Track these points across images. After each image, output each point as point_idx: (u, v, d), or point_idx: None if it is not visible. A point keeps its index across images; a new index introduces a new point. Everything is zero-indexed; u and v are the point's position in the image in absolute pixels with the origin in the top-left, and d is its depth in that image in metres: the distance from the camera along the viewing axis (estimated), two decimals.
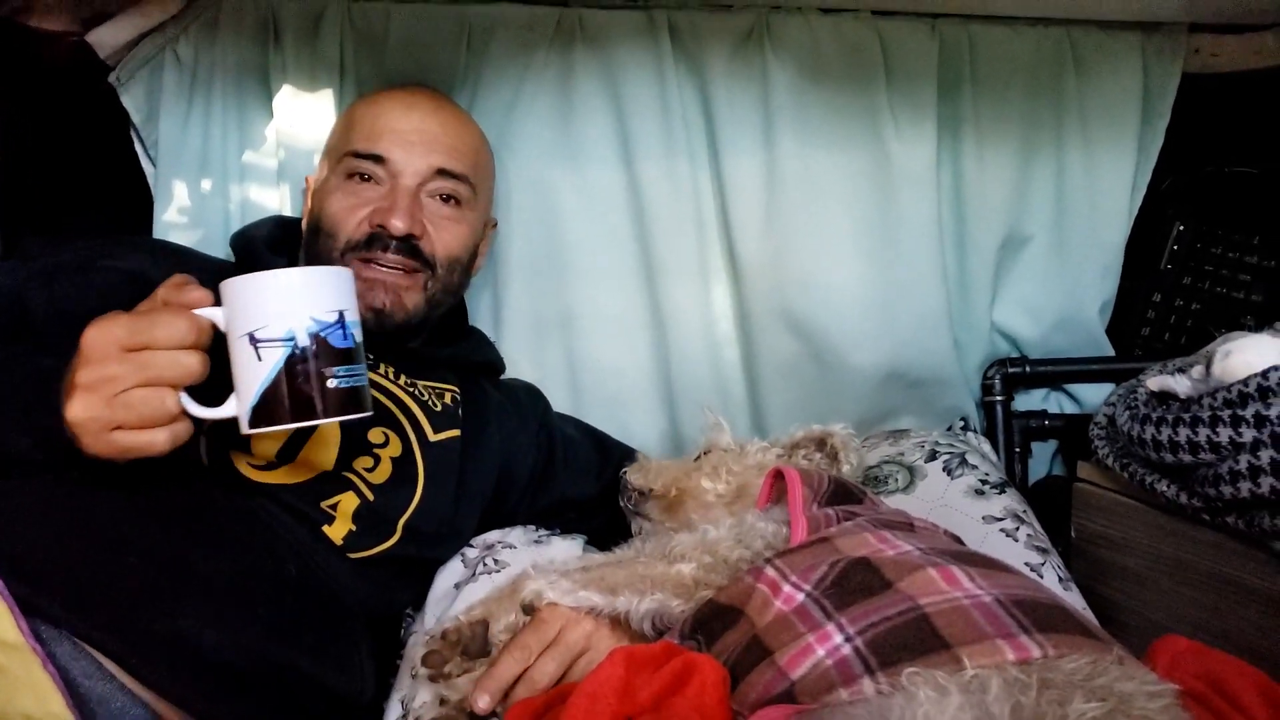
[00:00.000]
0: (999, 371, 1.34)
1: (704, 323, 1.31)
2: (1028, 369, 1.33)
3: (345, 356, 0.71)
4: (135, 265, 0.96)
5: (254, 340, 0.68)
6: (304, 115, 1.22)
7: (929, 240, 1.24)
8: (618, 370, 1.32)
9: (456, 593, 1.02)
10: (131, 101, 1.21)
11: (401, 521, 0.96)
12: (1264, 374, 0.86)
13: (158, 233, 1.22)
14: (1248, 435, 0.85)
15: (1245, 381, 0.87)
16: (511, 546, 1.09)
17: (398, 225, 1.00)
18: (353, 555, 0.91)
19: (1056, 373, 1.34)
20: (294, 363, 0.69)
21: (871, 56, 1.22)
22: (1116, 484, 1.10)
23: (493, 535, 1.11)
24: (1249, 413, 0.85)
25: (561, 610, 0.82)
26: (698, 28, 1.23)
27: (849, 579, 0.72)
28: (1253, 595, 0.92)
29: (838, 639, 0.65)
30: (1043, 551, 1.06)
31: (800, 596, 0.73)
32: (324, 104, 1.22)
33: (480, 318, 1.31)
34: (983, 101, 1.27)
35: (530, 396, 1.23)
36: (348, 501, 0.92)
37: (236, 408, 0.71)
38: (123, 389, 0.66)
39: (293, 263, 1.09)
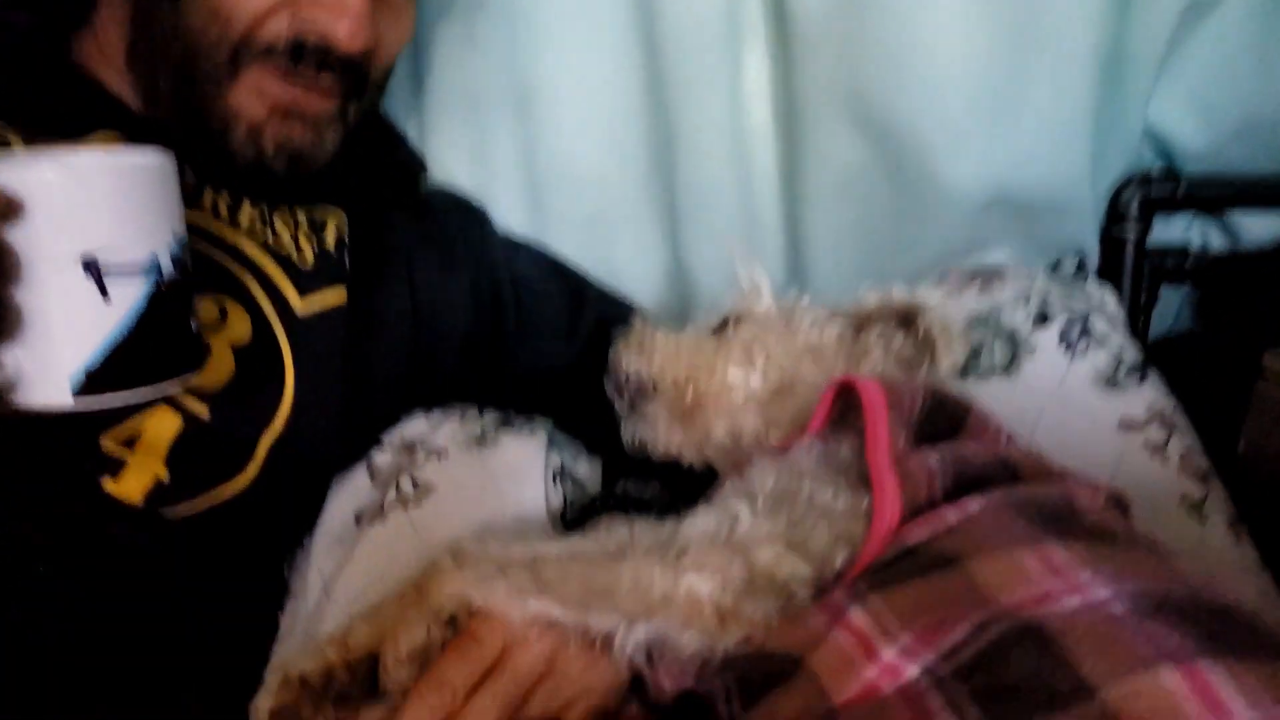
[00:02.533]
0: (1139, 193, 1.01)
1: (729, 110, 0.96)
2: (1180, 189, 0.99)
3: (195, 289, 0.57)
4: None
5: (98, 269, 0.50)
6: None
7: (1082, 5, 0.87)
8: (598, 176, 0.99)
9: (358, 529, 0.74)
10: None
11: (264, 444, 0.66)
12: None
13: None
14: None
15: None
16: (440, 453, 0.79)
17: (348, 44, 0.69)
18: (172, 513, 0.61)
19: (1223, 195, 1.00)
20: (159, 301, 0.53)
21: None
22: None
23: (414, 428, 0.81)
24: None
25: (501, 621, 0.55)
26: None
27: (1007, 662, 0.44)
28: None
29: None
30: (1203, 479, 0.79)
31: (914, 672, 0.46)
32: None
33: (390, 93, 0.93)
34: None
35: (464, 219, 0.91)
36: (158, 427, 0.61)
37: (32, 366, 0.51)
38: None
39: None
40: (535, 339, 0.89)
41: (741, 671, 0.52)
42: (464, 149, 0.97)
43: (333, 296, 0.71)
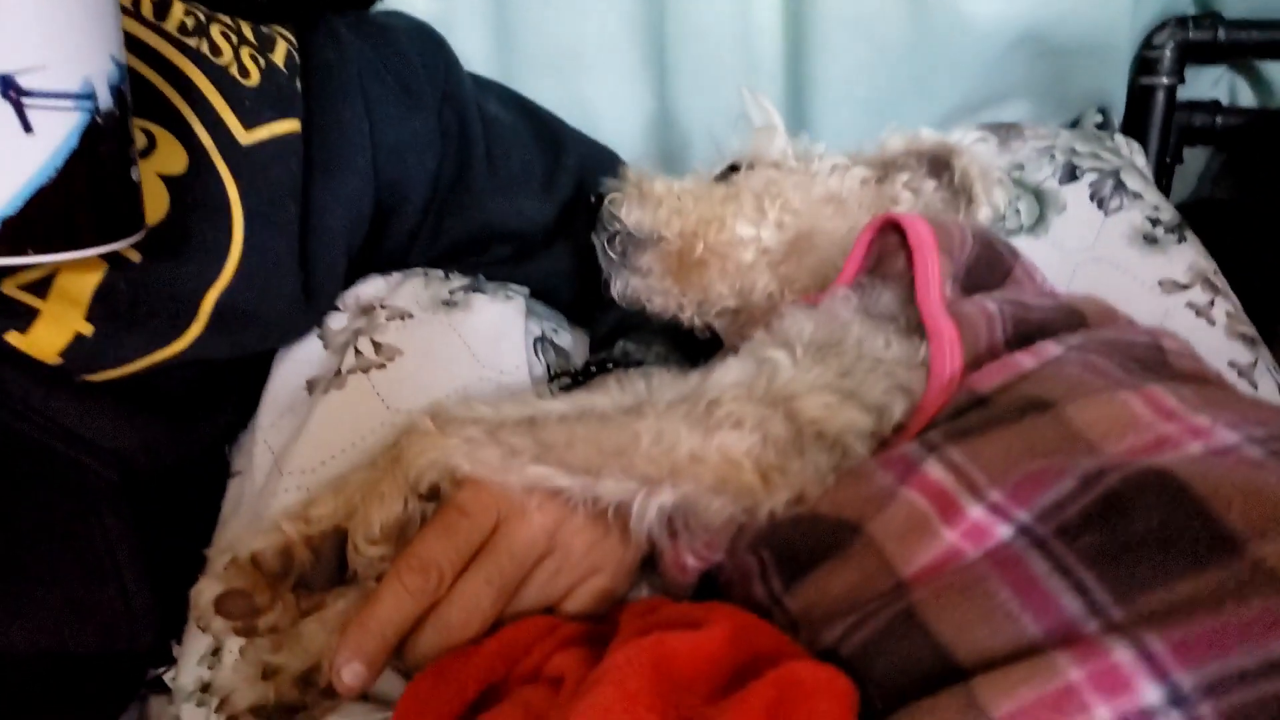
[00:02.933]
0: (1175, 36, 0.92)
1: None
2: (1221, 34, 0.92)
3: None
4: None
5: (18, 92, 0.40)
6: None
7: None
8: (574, 5, 0.88)
9: (310, 398, 0.64)
10: None
11: (210, 298, 0.55)
12: None
13: None
14: None
15: None
16: (404, 314, 0.69)
17: None
18: (97, 377, 0.51)
19: (1265, 41, 0.92)
20: (94, 138, 0.42)
21: None
22: None
23: (371, 288, 0.72)
24: None
25: (492, 491, 0.47)
26: None
27: (1128, 516, 0.37)
28: None
29: (1149, 689, 0.31)
30: (1251, 344, 0.74)
31: (1005, 533, 0.39)
32: None
33: None
34: None
35: (425, 45, 0.76)
36: (76, 275, 0.50)
37: None
38: None
39: None
40: (507, 188, 0.77)
41: (783, 542, 0.44)
42: None
43: (285, 124, 0.59)
